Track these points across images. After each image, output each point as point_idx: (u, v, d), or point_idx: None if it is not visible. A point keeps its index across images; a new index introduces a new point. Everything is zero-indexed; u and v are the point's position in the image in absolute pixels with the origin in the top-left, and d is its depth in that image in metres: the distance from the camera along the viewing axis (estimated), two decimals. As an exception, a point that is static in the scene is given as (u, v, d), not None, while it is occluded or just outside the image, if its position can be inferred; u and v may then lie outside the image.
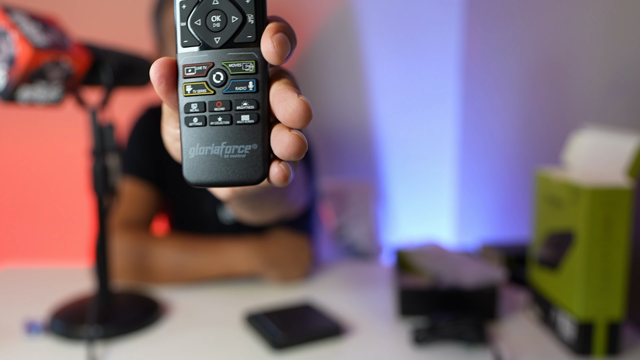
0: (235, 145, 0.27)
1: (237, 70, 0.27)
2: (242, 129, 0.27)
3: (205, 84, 0.27)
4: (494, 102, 1.28)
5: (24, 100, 0.58)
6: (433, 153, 1.51)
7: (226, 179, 0.28)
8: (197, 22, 0.27)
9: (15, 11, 0.57)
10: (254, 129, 0.27)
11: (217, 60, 0.27)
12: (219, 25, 0.27)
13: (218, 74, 0.27)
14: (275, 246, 0.84)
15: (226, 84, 0.27)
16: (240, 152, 0.28)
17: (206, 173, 0.28)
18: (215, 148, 0.28)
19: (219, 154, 0.28)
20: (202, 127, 0.28)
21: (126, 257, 0.81)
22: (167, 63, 0.28)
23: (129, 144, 1.00)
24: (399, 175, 1.52)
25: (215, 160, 0.28)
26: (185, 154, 0.28)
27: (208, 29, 0.27)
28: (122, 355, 0.61)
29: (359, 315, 0.72)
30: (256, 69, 0.27)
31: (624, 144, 0.60)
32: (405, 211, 1.53)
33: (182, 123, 0.28)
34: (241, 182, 0.28)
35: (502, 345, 0.64)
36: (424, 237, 1.53)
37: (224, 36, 0.27)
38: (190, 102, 0.28)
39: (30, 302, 0.77)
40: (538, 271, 0.69)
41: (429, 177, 1.53)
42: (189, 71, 0.28)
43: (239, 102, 0.27)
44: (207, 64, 0.27)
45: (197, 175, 0.28)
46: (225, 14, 0.27)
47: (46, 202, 1.48)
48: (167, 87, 0.28)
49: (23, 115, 1.44)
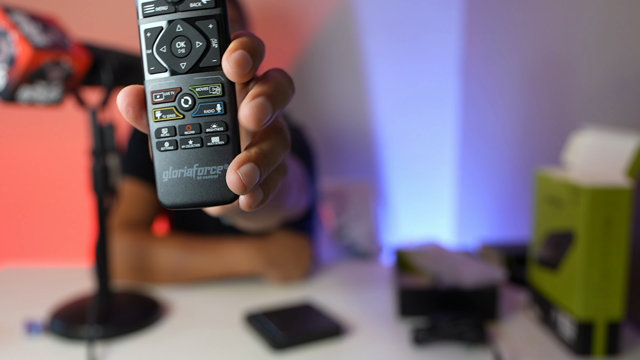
0: (207, 167, 0.28)
1: (205, 93, 0.28)
2: (213, 150, 0.28)
3: (174, 108, 0.28)
4: (493, 103, 1.28)
5: (24, 101, 0.58)
6: (433, 153, 1.51)
7: (200, 200, 0.28)
8: (163, 48, 0.28)
9: (15, 11, 0.58)
10: (224, 150, 0.28)
11: (185, 85, 0.28)
12: (184, 51, 0.28)
13: (186, 98, 0.28)
14: (275, 246, 0.84)
15: (194, 107, 0.28)
16: (213, 172, 0.28)
17: (180, 195, 0.28)
18: (187, 170, 0.28)
19: (192, 176, 0.28)
20: (173, 151, 0.28)
21: (126, 257, 0.81)
22: (133, 91, 0.28)
23: (129, 145, 1.00)
24: (399, 176, 1.52)
25: (188, 182, 0.28)
26: (159, 177, 0.29)
27: (174, 55, 0.28)
28: (122, 355, 0.61)
29: (359, 315, 0.72)
30: (223, 91, 0.28)
31: (624, 144, 0.60)
32: (405, 211, 1.54)
33: (154, 148, 0.28)
34: (215, 202, 0.28)
35: (502, 345, 0.64)
36: (424, 237, 1.53)
37: (189, 61, 0.28)
38: (160, 127, 0.28)
39: (30, 302, 0.77)
40: (538, 271, 0.69)
41: (429, 177, 1.53)
42: (158, 97, 0.28)
43: (208, 124, 0.28)
44: (174, 89, 0.28)
45: (171, 198, 0.29)
46: (189, 39, 0.28)
47: (46, 202, 1.48)
48: (135, 114, 0.28)
49: (23, 115, 1.44)
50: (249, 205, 0.29)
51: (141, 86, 0.29)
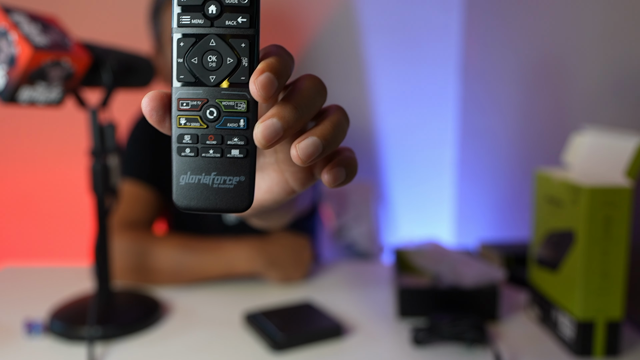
0: (224, 176, 0.29)
1: (230, 108, 0.29)
2: (232, 162, 0.29)
3: (199, 118, 0.29)
4: (493, 103, 1.28)
5: (24, 101, 0.58)
6: (433, 153, 1.51)
7: (213, 207, 0.30)
8: (194, 60, 0.29)
9: (15, 11, 0.58)
10: (242, 162, 0.29)
11: (212, 97, 0.29)
12: (214, 65, 0.29)
13: (212, 109, 0.29)
14: (276, 246, 0.84)
15: (219, 119, 0.29)
16: (229, 182, 0.29)
17: (195, 200, 0.30)
18: (205, 177, 0.29)
19: (209, 183, 0.29)
20: (193, 158, 0.29)
21: (126, 257, 0.81)
22: (157, 97, 0.29)
23: (127, 148, 1.00)
24: (399, 176, 1.52)
25: (204, 188, 0.30)
26: (175, 180, 0.30)
27: (204, 67, 0.29)
28: (122, 355, 0.62)
29: (359, 315, 0.72)
30: (248, 108, 0.29)
31: (624, 145, 0.60)
32: (406, 211, 1.54)
33: (174, 151, 0.30)
34: (227, 210, 0.30)
35: (502, 345, 0.64)
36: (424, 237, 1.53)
37: (219, 75, 0.29)
38: (183, 133, 0.29)
39: (30, 302, 0.77)
40: (538, 271, 0.69)
41: (429, 177, 1.53)
42: (184, 105, 0.29)
43: (230, 137, 0.29)
44: (201, 100, 0.29)
45: (186, 201, 0.30)
46: (221, 55, 0.29)
47: (46, 202, 1.48)
48: (158, 119, 0.29)
49: (23, 115, 1.44)
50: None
51: (166, 92, 0.30)
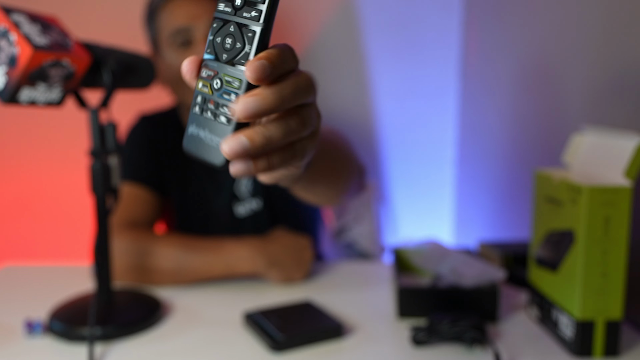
0: (211, 135, 0.36)
1: (229, 83, 0.36)
2: (219, 125, 0.36)
3: (209, 85, 0.37)
4: (493, 103, 1.28)
5: (24, 101, 0.58)
6: (433, 153, 1.52)
7: (201, 157, 0.37)
8: (218, 39, 0.36)
9: (16, 11, 0.58)
10: (225, 128, 0.36)
11: (220, 71, 0.36)
12: (228, 47, 0.36)
13: (217, 81, 0.36)
14: (277, 246, 0.84)
15: (220, 90, 0.36)
16: (214, 141, 0.36)
17: (193, 147, 0.37)
18: (201, 132, 0.37)
19: (202, 137, 0.37)
20: (198, 115, 0.37)
21: (126, 257, 0.81)
22: (196, 61, 0.37)
23: (126, 149, 1.00)
24: (399, 176, 1.52)
25: (198, 140, 0.37)
26: (188, 127, 0.38)
27: (222, 47, 0.36)
28: (122, 355, 0.62)
29: (359, 315, 0.72)
30: (240, 86, 0.35)
31: (623, 145, 0.60)
32: (405, 211, 1.54)
33: (192, 105, 0.37)
34: (209, 163, 0.37)
35: (501, 345, 0.64)
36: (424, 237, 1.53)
37: (229, 55, 0.36)
38: (197, 94, 0.37)
39: (30, 302, 0.77)
40: (538, 271, 0.69)
41: (429, 176, 1.53)
42: (203, 73, 0.37)
43: (222, 105, 0.36)
44: (213, 72, 0.36)
45: (188, 145, 0.38)
46: (235, 39, 0.36)
47: (47, 202, 1.48)
48: (190, 77, 0.37)
49: (24, 115, 1.45)
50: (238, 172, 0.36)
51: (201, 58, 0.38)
